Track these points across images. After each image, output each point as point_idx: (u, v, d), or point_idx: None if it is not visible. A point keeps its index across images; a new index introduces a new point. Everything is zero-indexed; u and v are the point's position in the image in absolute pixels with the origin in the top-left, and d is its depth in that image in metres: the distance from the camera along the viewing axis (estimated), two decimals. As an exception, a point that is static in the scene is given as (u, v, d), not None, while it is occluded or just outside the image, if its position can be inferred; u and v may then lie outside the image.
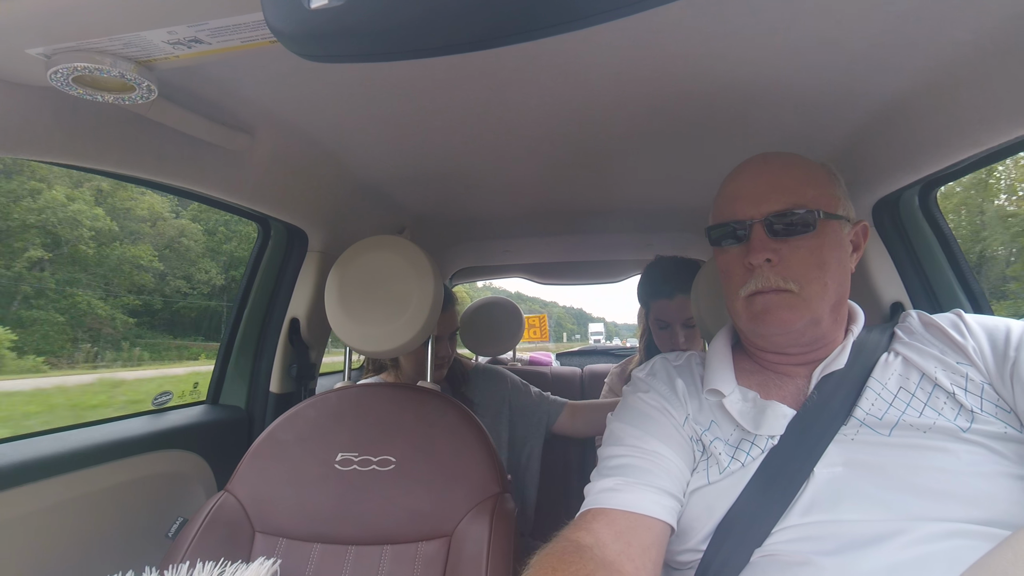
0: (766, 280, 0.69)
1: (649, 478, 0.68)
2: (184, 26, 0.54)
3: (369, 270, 1.06)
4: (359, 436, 0.98)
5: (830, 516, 0.60)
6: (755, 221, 0.70)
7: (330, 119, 0.93)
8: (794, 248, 0.69)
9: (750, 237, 0.70)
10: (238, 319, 1.40)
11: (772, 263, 0.68)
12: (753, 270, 0.70)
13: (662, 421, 0.75)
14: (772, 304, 0.69)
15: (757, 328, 0.72)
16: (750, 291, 0.70)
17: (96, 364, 16.99)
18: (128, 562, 0.82)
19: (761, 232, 0.69)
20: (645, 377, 0.83)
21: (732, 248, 0.73)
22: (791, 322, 0.69)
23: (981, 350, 0.66)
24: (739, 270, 0.72)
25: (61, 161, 0.78)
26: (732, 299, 0.74)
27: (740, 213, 0.71)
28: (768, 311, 0.69)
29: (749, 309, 0.71)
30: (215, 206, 1.15)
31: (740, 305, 0.72)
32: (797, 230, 0.69)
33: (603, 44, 0.69)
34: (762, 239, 0.69)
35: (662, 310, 1.46)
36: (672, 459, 0.70)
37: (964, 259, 1.09)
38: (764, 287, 0.69)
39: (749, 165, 0.76)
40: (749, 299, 0.71)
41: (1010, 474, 0.58)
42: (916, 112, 0.85)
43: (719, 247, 0.75)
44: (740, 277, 0.72)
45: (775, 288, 0.68)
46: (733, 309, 0.75)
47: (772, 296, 0.69)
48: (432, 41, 0.38)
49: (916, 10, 0.62)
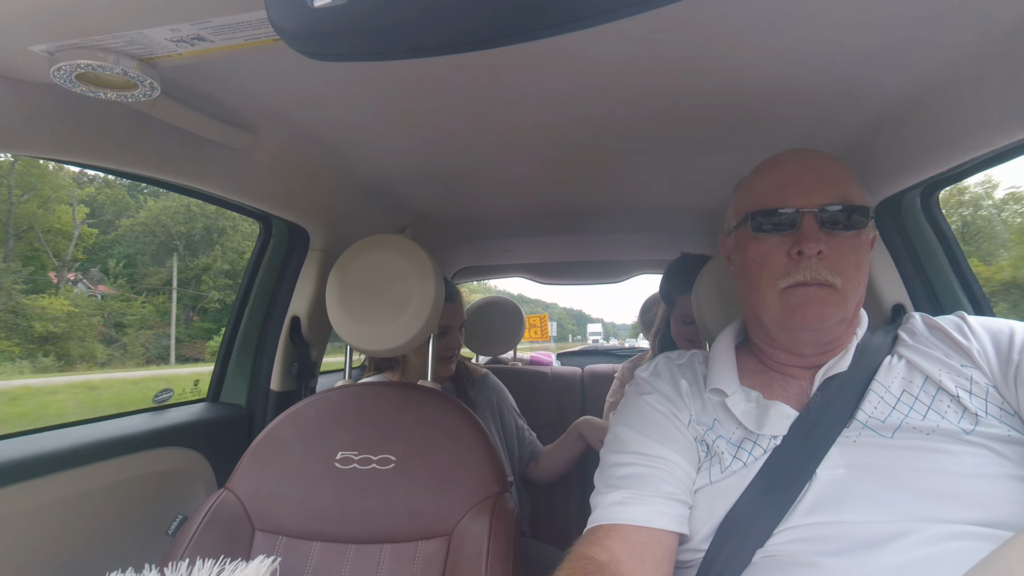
0: (814, 272, 0.66)
1: (656, 487, 0.67)
2: (187, 24, 0.54)
3: (370, 269, 1.06)
4: (359, 435, 0.98)
5: (833, 517, 0.60)
6: (806, 210, 0.67)
7: (332, 118, 0.93)
8: (840, 243, 0.67)
9: (801, 226, 0.67)
10: (239, 317, 1.40)
11: (823, 255, 0.66)
12: (799, 261, 0.67)
13: (666, 424, 0.74)
14: (813, 297, 0.67)
15: (791, 322, 0.69)
16: (794, 282, 0.67)
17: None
18: (128, 559, 0.82)
19: (813, 222, 0.67)
20: (648, 377, 0.82)
21: (773, 236, 0.70)
22: (828, 317, 0.67)
23: (985, 352, 0.65)
24: (780, 260, 0.69)
25: (64, 158, 0.79)
26: (765, 290, 0.70)
27: (790, 201, 0.68)
28: (808, 304, 0.67)
29: (786, 301, 0.68)
30: (217, 204, 1.15)
31: (774, 296, 0.69)
32: (848, 225, 0.67)
33: (605, 43, 0.69)
34: (814, 229, 0.66)
35: (688, 306, 1.46)
36: (678, 463, 0.70)
37: (966, 261, 1.09)
38: (810, 279, 0.66)
39: (792, 156, 0.73)
40: (788, 291, 0.68)
41: (1014, 476, 0.58)
42: (919, 114, 0.84)
43: (758, 234, 0.71)
44: (781, 267, 0.69)
45: (820, 281, 0.66)
46: (762, 300, 0.71)
47: (815, 289, 0.67)
48: (435, 40, 0.38)
49: (919, 11, 0.62)
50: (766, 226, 0.70)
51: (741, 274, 0.76)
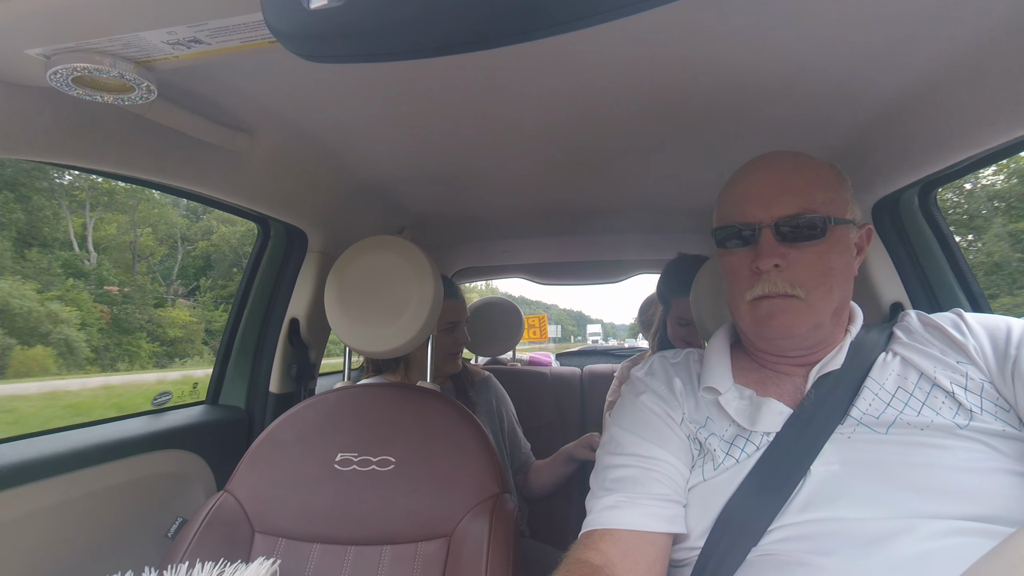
0: (773, 285, 0.68)
1: (649, 489, 0.69)
2: (183, 26, 0.54)
3: (369, 270, 1.06)
4: (359, 436, 0.98)
5: (827, 514, 0.60)
6: (764, 225, 0.69)
7: (330, 119, 0.93)
8: (802, 253, 0.68)
9: (759, 241, 0.69)
10: (238, 319, 1.39)
11: (780, 268, 0.68)
12: (760, 274, 0.69)
13: (659, 424, 0.75)
14: (777, 309, 0.68)
15: (761, 331, 0.71)
16: (756, 295, 0.70)
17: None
18: (127, 562, 0.82)
19: (770, 236, 0.68)
20: (643, 377, 0.82)
21: (738, 250, 0.72)
22: (795, 327, 0.68)
23: (982, 349, 0.66)
24: (745, 273, 0.71)
25: (61, 162, 0.78)
26: (736, 301, 0.73)
27: (749, 215, 0.70)
28: (773, 316, 0.69)
29: (754, 313, 0.71)
30: (215, 206, 1.15)
31: (744, 308, 0.72)
32: (806, 236, 0.68)
33: (603, 43, 0.69)
34: (771, 244, 0.68)
35: (683, 308, 1.45)
36: (671, 462, 0.71)
37: (964, 259, 1.09)
38: (771, 292, 0.68)
39: (758, 164, 0.74)
40: (754, 303, 0.70)
41: (1009, 470, 0.58)
42: (916, 112, 0.85)
43: (724, 248, 0.74)
44: (746, 280, 0.71)
45: (781, 293, 0.68)
46: (737, 311, 0.74)
47: (778, 301, 0.68)
48: (431, 41, 0.38)
49: (916, 10, 0.62)
50: (729, 242, 0.73)
51: (724, 281, 0.79)
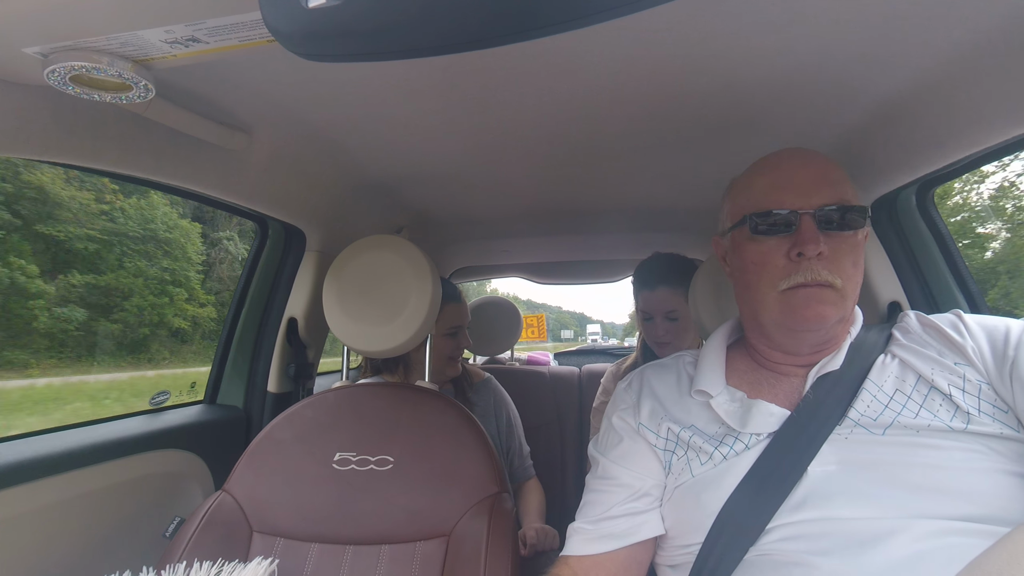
0: (815, 273, 0.66)
1: (605, 510, 0.74)
2: (181, 25, 0.54)
3: (367, 270, 1.06)
4: (357, 436, 0.98)
5: (823, 513, 0.60)
6: (804, 212, 0.67)
7: (328, 118, 0.93)
8: (839, 243, 0.67)
9: (799, 228, 0.67)
10: (236, 318, 1.39)
11: (822, 256, 0.67)
12: (799, 263, 0.68)
13: (624, 440, 0.78)
14: (815, 298, 0.67)
15: (792, 322, 0.69)
16: (795, 283, 0.67)
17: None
18: (125, 562, 0.82)
19: (811, 224, 0.67)
20: (620, 392, 0.85)
21: (771, 238, 0.70)
22: (828, 317, 0.67)
23: (980, 350, 0.66)
24: (780, 261, 0.69)
25: (58, 160, 0.78)
26: (765, 291, 0.70)
27: (787, 202, 0.68)
28: (809, 305, 0.67)
29: (787, 302, 0.68)
30: (213, 205, 1.14)
31: (775, 298, 0.69)
32: (846, 225, 0.67)
33: (601, 43, 0.69)
34: (813, 231, 0.67)
35: (645, 301, 1.45)
36: (630, 476, 0.75)
37: (962, 259, 1.09)
38: (811, 280, 0.66)
39: (788, 155, 0.73)
40: (789, 292, 0.68)
41: (1005, 471, 0.58)
42: (913, 111, 0.85)
43: (756, 236, 0.71)
44: (781, 269, 0.69)
45: (821, 282, 0.66)
46: (762, 302, 0.71)
47: (815, 290, 0.67)
48: (429, 40, 0.38)
49: (914, 9, 0.63)
50: (763, 227, 0.70)
51: (739, 275, 0.76)
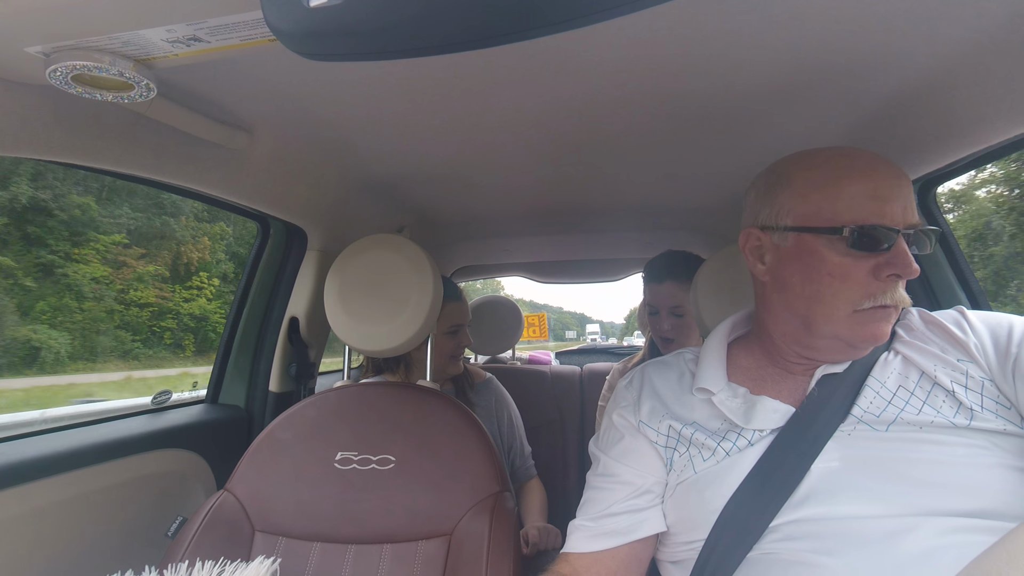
0: (899, 296, 0.64)
1: (605, 507, 0.73)
2: (183, 24, 0.54)
3: (368, 269, 1.06)
4: (359, 435, 0.98)
5: (828, 510, 0.60)
6: (901, 231, 0.63)
7: (329, 117, 0.93)
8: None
9: (895, 247, 0.63)
10: (237, 318, 1.39)
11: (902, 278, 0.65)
12: (887, 283, 0.63)
13: (624, 437, 0.77)
14: (885, 319, 0.65)
15: (857, 340, 0.65)
16: (880, 303, 0.64)
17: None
18: (127, 561, 0.82)
19: (903, 244, 0.63)
20: (621, 390, 0.84)
21: (862, 254, 0.64)
22: (887, 336, 0.66)
23: (983, 346, 0.66)
24: (863, 278, 0.64)
25: (60, 160, 0.78)
26: (838, 306, 0.65)
27: (889, 218, 0.63)
28: (880, 325, 0.65)
29: (863, 321, 0.64)
30: (214, 205, 1.15)
31: (847, 313, 0.65)
32: (923, 247, 0.66)
33: (602, 43, 0.69)
34: (907, 253, 0.63)
35: (652, 295, 1.45)
36: (630, 473, 0.74)
37: (963, 257, 1.09)
38: (893, 302, 0.64)
39: (878, 163, 0.66)
40: (869, 311, 0.64)
41: (1008, 465, 0.58)
42: (916, 110, 0.85)
43: (852, 250, 0.64)
44: (865, 287, 0.64)
45: (898, 303, 0.64)
46: (831, 316, 0.66)
47: (891, 310, 0.65)
48: (431, 40, 0.38)
49: (915, 8, 0.62)
50: (863, 242, 0.63)
51: (802, 282, 0.68)
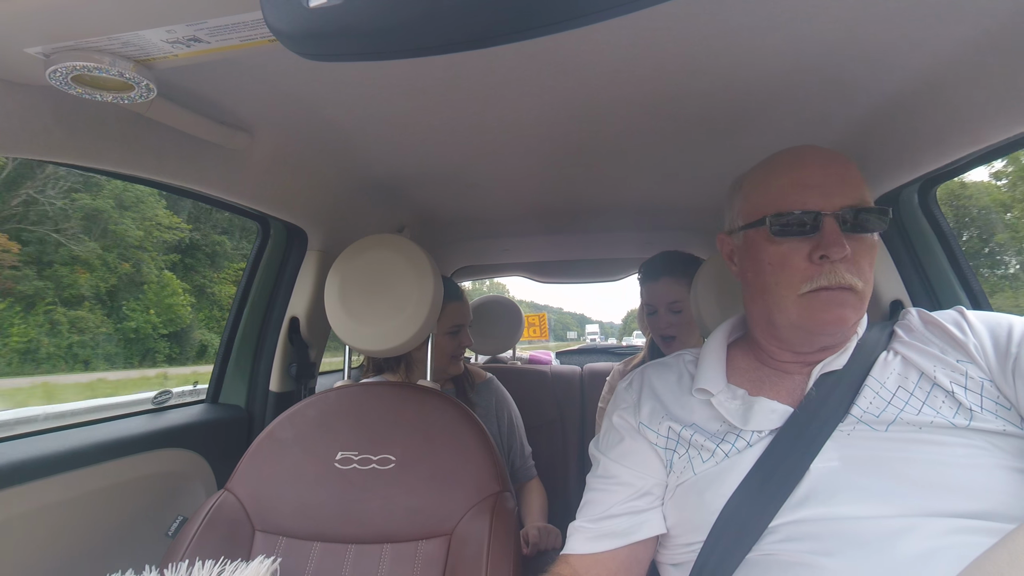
0: (839, 277, 0.65)
1: (606, 508, 0.73)
2: (183, 25, 0.54)
3: (369, 269, 1.06)
4: (359, 435, 0.98)
5: (827, 510, 0.60)
6: (826, 213, 0.66)
7: (329, 118, 0.93)
8: (859, 245, 0.67)
9: (822, 229, 0.66)
10: (238, 318, 1.39)
11: (846, 259, 0.66)
12: (822, 265, 0.66)
13: (624, 439, 0.77)
14: (835, 301, 0.66)
15: (812, 325, 0.68)
16: (817, 286, 0.66)
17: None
18: (128, 561, 0.82)
19: (835, 226, 0.66)
20: (621, 391, 0.84)
21: (791, 240, 0.68)
22: (849, 320, 0.67)
23: (983, 347, 0.65)
24: (801, 263, 0.67)
25: (60, 160, 0.78)
26: (783, 293, 0.69)
27: (811, 203, 0.67)
28: (830, 308, 0.66)
29: (808, 305, 0.67)
30: (214, 205, 1.15)
31: (793, 300, 0.68)
32: (867, 227, 0.67)
33: (602, 42, 0.69)
34: (836, 233, 0.65)
35: (649, 294, 1.45)
36: (631, 475, 0.74)
37: (964, 257, 1.09)
38: (834, 283, 0.65)
39: (808, 154, 0.71)
40: (811, 295, 0.67)
41: (1008, 466, 0.58)
42: (916, 109, 0.85)
43: (776, 238, 0.69)
44: (802, 271, 0.67)
45: (843, 285, 0.66)
46: (779, 304, 0.70)
47: (837, 293, 0.66)
48: (431, 40, 0.38)
49: (916, 7, 0.62)
50: (785, 228, 0.68)
51: (752, 276, 0.74)
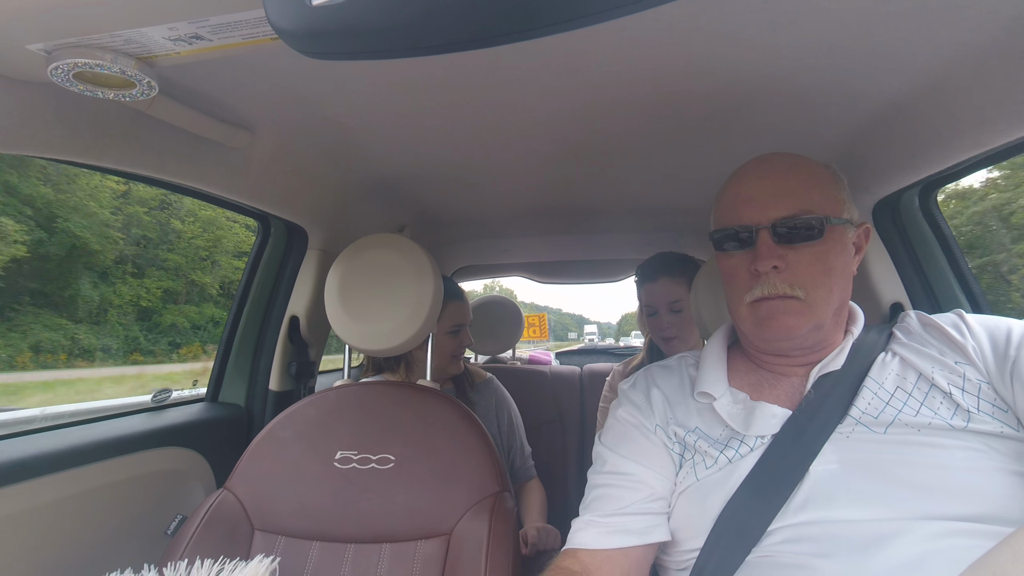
0: (772, 287, 0.68)
1: (620, 505, 0.72)
2: (185, 22, 0.54)
3: (369, 268, 1.06)
4: (358, 434, 0.98)
5: (825, 514, 0.60)
6: (761, 227, 0.69)
7: (331, 116, 0.93)
8: (800, 254, 0.68)
9: (756, 243, 0.69)
10: (238, 316, 1.39)
11: (779, 270, 0.68)
12: (759, 276, 0.69)
13: (635, 436, 0.77)
14: (777, 310, 0.68)
15: (761, 333, 0.71)
16: (756, 297, 0.69)
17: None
18: (127, 559, 0.82)
19: (768, 238, 0.68)
20: (627, 390, 0.84)
21: (736, 253, 0.72)
22: (796, 328, 0.68)
23: (981, 349, 0.66)
24: (744, 275, 0.71)
25: (62, 158, 0.78)
26: (736, 303, 0.73)
27: (745, 218, 0.70)
28: (773, 317, 0.69)
29: (754, 315, 0.71)
30: (215, 203, 1.15)
31: (744, 310, 0.72)
32: (804, 236, 0.68)
33: (604, 43, 0.69)
34: (769, 246, 0.68)
35: (648, 295, 1.44)
36: (645, 475, 0.73)
37: (964, 260, 1.09)
38: (770, 293, 0.68)
39: (753, 167, 0.74)
40: (754, 304, 0.70)
41: (1006, 470, 0.58)
42: (917, 113, 0.85)
43: (722, 251, 0.74)
44: (745, 282, 0.71)
45: (781, 295, 0.68)
46: (737, 313, 0.74)
47: (778, 302, 0.68)
48: (433, 39, 0.38)
49: (917, 11, 0.62)
50: (727, 245, 0.73)
51: (723, 285, 0.78)
